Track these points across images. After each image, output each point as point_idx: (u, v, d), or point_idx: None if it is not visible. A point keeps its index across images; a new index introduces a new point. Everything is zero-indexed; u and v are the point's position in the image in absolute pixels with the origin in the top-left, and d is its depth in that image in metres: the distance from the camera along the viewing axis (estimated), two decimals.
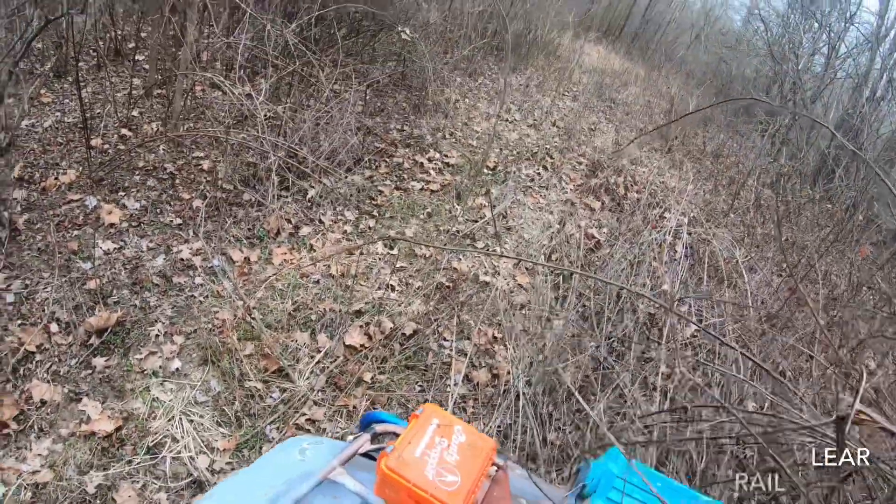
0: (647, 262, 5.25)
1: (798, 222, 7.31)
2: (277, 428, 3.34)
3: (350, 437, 1.62)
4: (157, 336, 3.71)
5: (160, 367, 3.53)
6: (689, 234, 6.13)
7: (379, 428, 1.52)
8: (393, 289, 4.31)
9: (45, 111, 5.23)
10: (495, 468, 1.46)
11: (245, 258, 4.30)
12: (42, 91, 5.36)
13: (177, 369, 3.54)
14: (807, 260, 5.55)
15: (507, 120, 7.79)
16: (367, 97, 6.05)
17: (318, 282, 4.23)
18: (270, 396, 3.47)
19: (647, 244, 5.64)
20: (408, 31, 6.09)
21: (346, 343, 3.79)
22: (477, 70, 8.56)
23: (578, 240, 5.73)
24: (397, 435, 1.46)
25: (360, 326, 3.91)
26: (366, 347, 3.80)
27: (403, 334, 3.93)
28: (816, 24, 13.87)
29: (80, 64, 5.51)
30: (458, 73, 7.96)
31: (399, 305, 4.15)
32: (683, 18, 17.70)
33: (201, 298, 4.02)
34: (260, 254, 4.37)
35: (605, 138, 8.64)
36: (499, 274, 4.79)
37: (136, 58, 5.78)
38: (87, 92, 5.39)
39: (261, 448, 3.24)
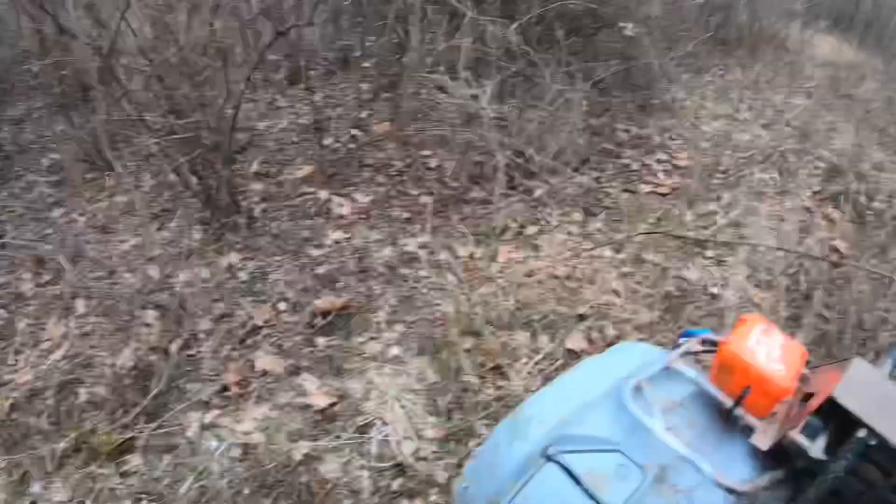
0: None
1: None
2: (487, 425, 3.23)
3: (681, 341, 1.84)
4: (378, 323, 3.80)
5: (379, 352, 3.60)
6: None
7: (705, 336, 1.79)
8: (618, 294, 4.09)
9: (280, 114, 5.53)
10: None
11: (470, 254, 4.30)
12: (277, 97, 5.67)
13: (395, 356, 3.59)
14: None
15: (736, 119, 7.24)
16: (591, 97, 5.83)
17: (541, 282, 4.10)
18: (485, 392, 3.40)
19: None
20: (630, 27, 5.78)
21: (568, 346, 3.65)
22: (703, 66, 8.03)
23: (820, 253, 5.16)
24: (718, 343, 1.70)
25: (583, 331, 3.75)
26: (587, 352, 3.61)
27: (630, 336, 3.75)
28: None
29: (310, 72, 5.78)
30: (682, 69, 7.51)
31: (623, 312, 3.94)
32: None
33: (424, 290, 4.06)
34: (485, 251, 4.34)
35: (844, 140, 7.81)
36: (728, 286, 4.39)
37: (363, 65, 5.97)
38: (319, 97, 5.63)
39: (467, 443, 3.18)
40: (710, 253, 4.71)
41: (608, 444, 1.47)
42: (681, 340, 1.82)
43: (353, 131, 5.21)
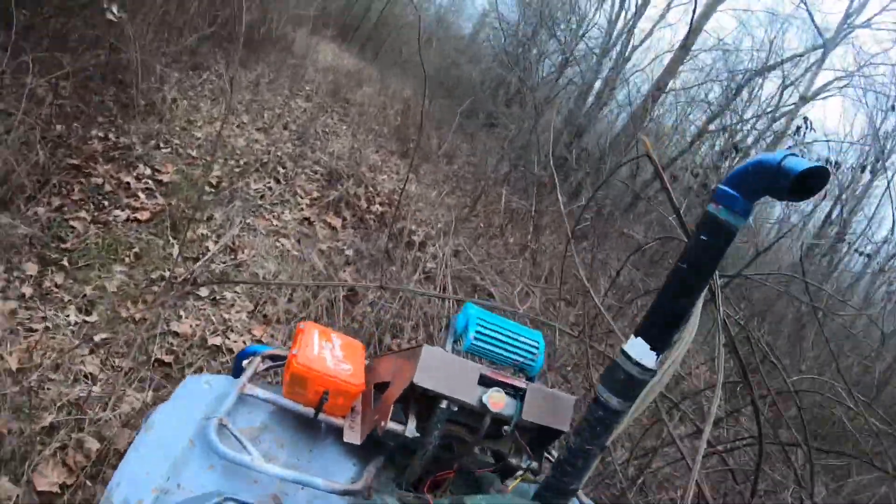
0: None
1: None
2: None
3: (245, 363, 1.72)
4: None
5: None
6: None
7: (265, 353, 1.75)
8: (94, 379, 3.10)
9: None
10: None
11: None
12: None
13: None
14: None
15: (233, 124, 6.79)
16: (60, 94, 4.69)
17: None
18: None
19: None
20: (115, 10, 4.80)
21: (39, 488, 2.53)
22: (202, 64, 7.37)
23: (322, 270, 5.02)
24: (279, 357, 1.75)
25: (55, 453, 2.67)
26: (69, 486, 2.60)
27: (117, 451, 2.78)
28: (546, 34, 14.79)
29: None
30: (178, 66, 6.76)
31: (106, 405, 2.98)
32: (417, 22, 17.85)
33: None
34: None
35: (342, 143, 8.02)
36: (232, 331, 3.89)
37: None
38: None
39: None
40: (204, 291, 4.12)
41: (215, 497, 1.34)
42: (244, 363, 1.76)
43: None
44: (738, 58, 14.40)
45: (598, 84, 14.72)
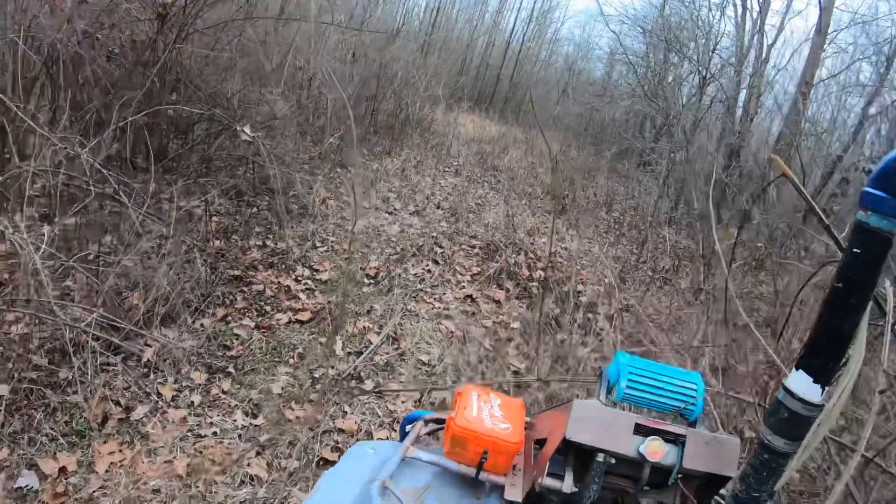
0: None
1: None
2: None
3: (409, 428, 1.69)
4: None
5: None
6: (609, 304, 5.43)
7: (427, 417, 1.75)
8: (260, 481, 3.12)
9: None
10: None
11: (60, 468, 3.00)
12: None
13: None
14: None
15: (385, 211, 6.90)
16: (217, 211, 4.96)
17: (158, 490, 2.95)
18: None
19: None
20: (248, 131, 5.07)
21: None
22: (345, 160, 7.65)
23: (488, 348, 4.84)
24: (441, 420, 1.75)
25: None
26: None
27: None
28: (675, 57, 14.15)
29: None
30: (326, 166, 7.02)
31: None
32: (549, 76, 17.77)
33: None
34: (81, 457, 3.08)
35: (496, 212, 7.93)
36: (399, 423, 3.78)
37: None
38: None
39: None
40: (368, 384, 4.05)
41: None
42: (407, 428, 1.76)
43: None
44: (879, 26, 12.74)
45: (743, 95, 13.62)
